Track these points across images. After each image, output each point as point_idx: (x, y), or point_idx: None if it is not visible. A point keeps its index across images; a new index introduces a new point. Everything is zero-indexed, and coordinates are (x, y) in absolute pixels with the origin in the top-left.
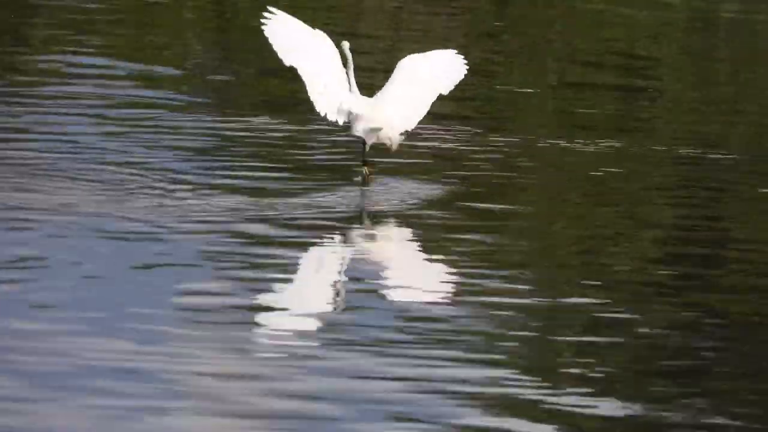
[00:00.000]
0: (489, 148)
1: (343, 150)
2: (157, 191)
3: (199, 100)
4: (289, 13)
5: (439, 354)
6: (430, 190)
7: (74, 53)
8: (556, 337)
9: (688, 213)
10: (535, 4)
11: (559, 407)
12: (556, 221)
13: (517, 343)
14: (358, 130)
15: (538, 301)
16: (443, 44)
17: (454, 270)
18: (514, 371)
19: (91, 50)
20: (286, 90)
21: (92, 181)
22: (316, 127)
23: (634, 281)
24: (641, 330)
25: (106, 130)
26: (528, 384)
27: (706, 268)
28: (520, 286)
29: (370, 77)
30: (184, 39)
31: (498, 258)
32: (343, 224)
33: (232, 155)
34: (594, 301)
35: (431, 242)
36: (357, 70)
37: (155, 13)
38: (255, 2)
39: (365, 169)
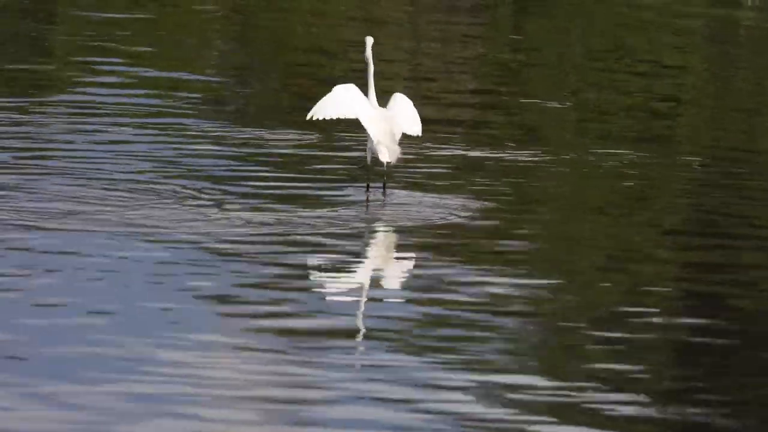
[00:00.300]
0: (510, 159)
1: (365, 162)
2: (186, 202)
3: (223, 109)
4: (309, 21)
5: (471, 360)
6: (454, 200)
7: (97, 63)
8: (586, 342)
9: (714, 220)
10: (554, 14)
11: (593, 411)
12: (581, 230)
13: (546, 349)
14: (380, 152)
15: (565, 307)
16: (462, 54)
17: (483, 278)
18: (547, 377)
19: (114, 60)
20: (309, 101)
21: (123, 191)
22: (341, 135)
23: (661, 287)
24: (670, 334)
25: (130, 140)
26: (561, 389)
27: (733, 273)
28: (546, 293)
29: (390, 87)
30: (208, 49)
31: (522, 266)
32: (369, 235)
33: (255, 166)
34: (624, 309)
35: (455, 251)
36: (378, 75)
37: (178, 22)
38: (277, 13)
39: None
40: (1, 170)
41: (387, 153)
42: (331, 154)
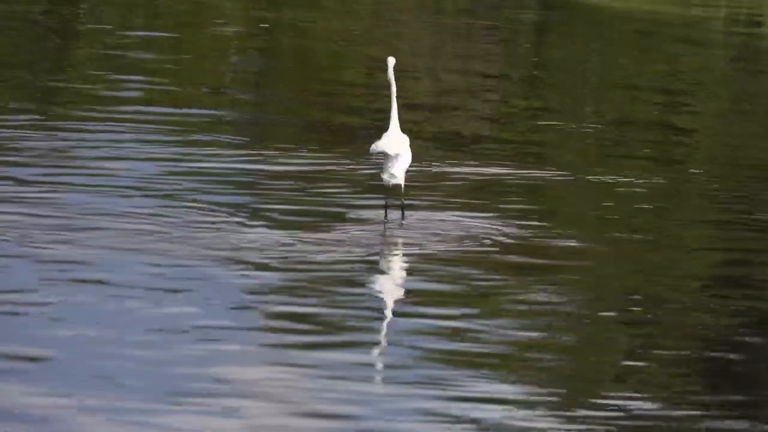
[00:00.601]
0: (528, 183)
1: (380, 186)
2: (206, 221)
3: (243, 128)
4: (331, 40)
5: (514, 376)
6: (472, 220)
7: (119, 81)
8: (626, 361)
9: (730, 242)
10: (574, 33)
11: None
12: (599, 253)
13: (588, 365)
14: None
15: (584, 327)
16: (482, 73)
17: (504, 297)
18: (590, 392)
19: (135, 77)
20: (326, 124)
21: (146, 208)
22: (360, 154)
23: (680, 309)
24: (687, 350)
25: (151, 158)
26: (604, 406)
27: (761, 289)
28: (566, 310)
29: (411, 105)
30: (228, 68)
31: (542, 287)
32: (391, 255)
33: (273, 190)
34: (642, 330)
35: (474, 272)
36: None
37: (195, 41)
38: (299, 32)
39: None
40: (32, 186)
41: (392, 176)
42: (349, 174)
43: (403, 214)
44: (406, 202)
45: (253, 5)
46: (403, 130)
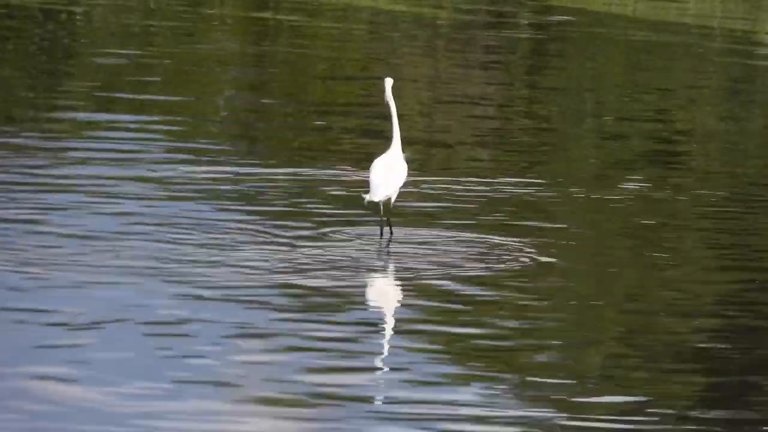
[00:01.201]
0: (529, 197)
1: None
2: (201, 242)
3: (238, 146)
4: (329, 51)
5: (512, 384)
6: (471, 237)
7: (113, 94)
8: (613, 374)
9: (744, 251)
10: (571, 51)
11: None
12: (599, 264)
13: (573, 383)
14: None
15: (589, 341)
16: (481, 92)
17: (506, 315)
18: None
19: (129, 90)
20: (321, 141)
21: (152, 225)
22: (352, 172)
23: (700, 315)
24: (695, 367)
25: (152, 177)
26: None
27: (757, 297)
28: (568, 327)
29: (408, 123)
30: (224, 86)
31: (545, 303)
32: (390, 273)
33: (269, 202)
34: (650, 340)
35: (474, 289)
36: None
37: (193, 52)
38: (298, 48)
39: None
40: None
41: (375, 194)
42: (344, 186)
43: (390, 229)
44: (394, 217)
45: (252, 15)
46: (402, 141)
